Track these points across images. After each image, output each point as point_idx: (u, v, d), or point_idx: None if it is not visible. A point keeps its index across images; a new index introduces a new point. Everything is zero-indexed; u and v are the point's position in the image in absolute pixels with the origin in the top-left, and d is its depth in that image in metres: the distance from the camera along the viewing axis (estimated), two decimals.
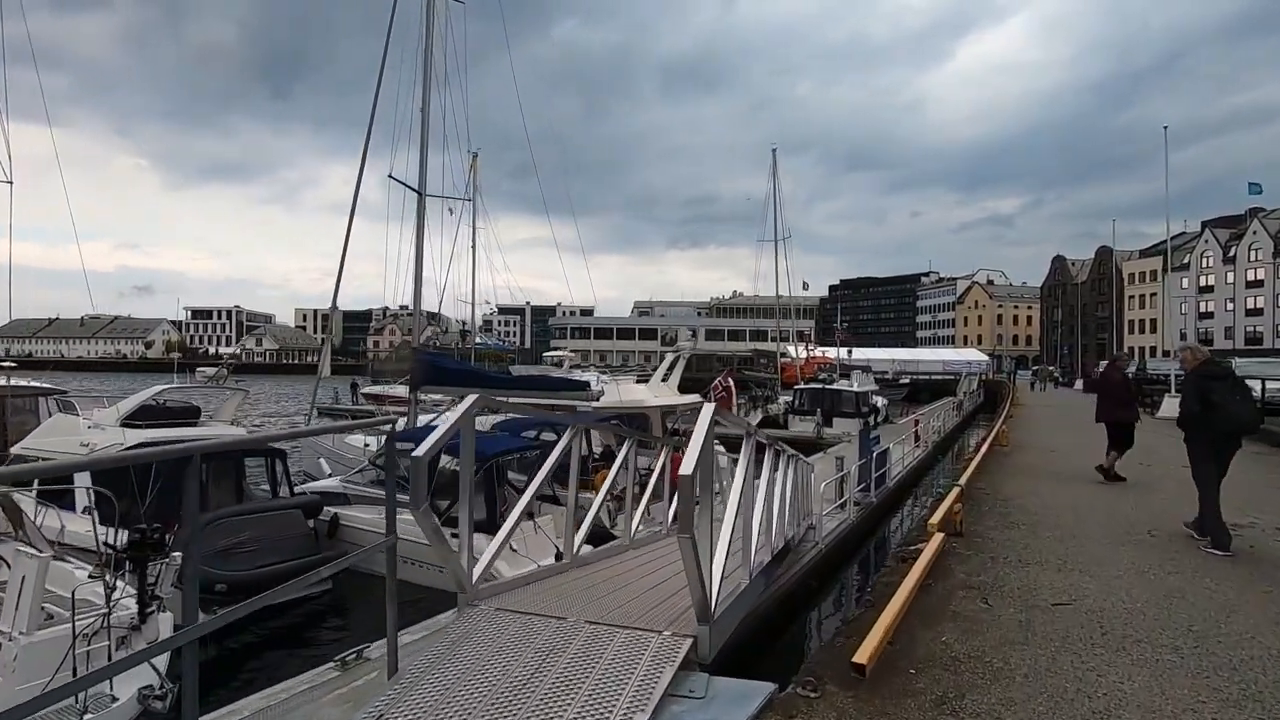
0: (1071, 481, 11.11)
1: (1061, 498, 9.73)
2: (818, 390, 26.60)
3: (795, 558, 9.00)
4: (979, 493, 9.98)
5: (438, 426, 4.82)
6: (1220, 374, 6.80)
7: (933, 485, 18.82)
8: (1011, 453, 15.09)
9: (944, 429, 25.97)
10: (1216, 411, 6.44)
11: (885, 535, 13.81)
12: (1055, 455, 14.47)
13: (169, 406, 9.50)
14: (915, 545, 6.98)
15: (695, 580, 3.42)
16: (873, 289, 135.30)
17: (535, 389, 12.73)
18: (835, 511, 11.36)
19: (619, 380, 16.21)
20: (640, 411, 14.15)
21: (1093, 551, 6.77)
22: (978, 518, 8.30)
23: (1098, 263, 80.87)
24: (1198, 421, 6.67)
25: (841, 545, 10.94)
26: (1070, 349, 78.75)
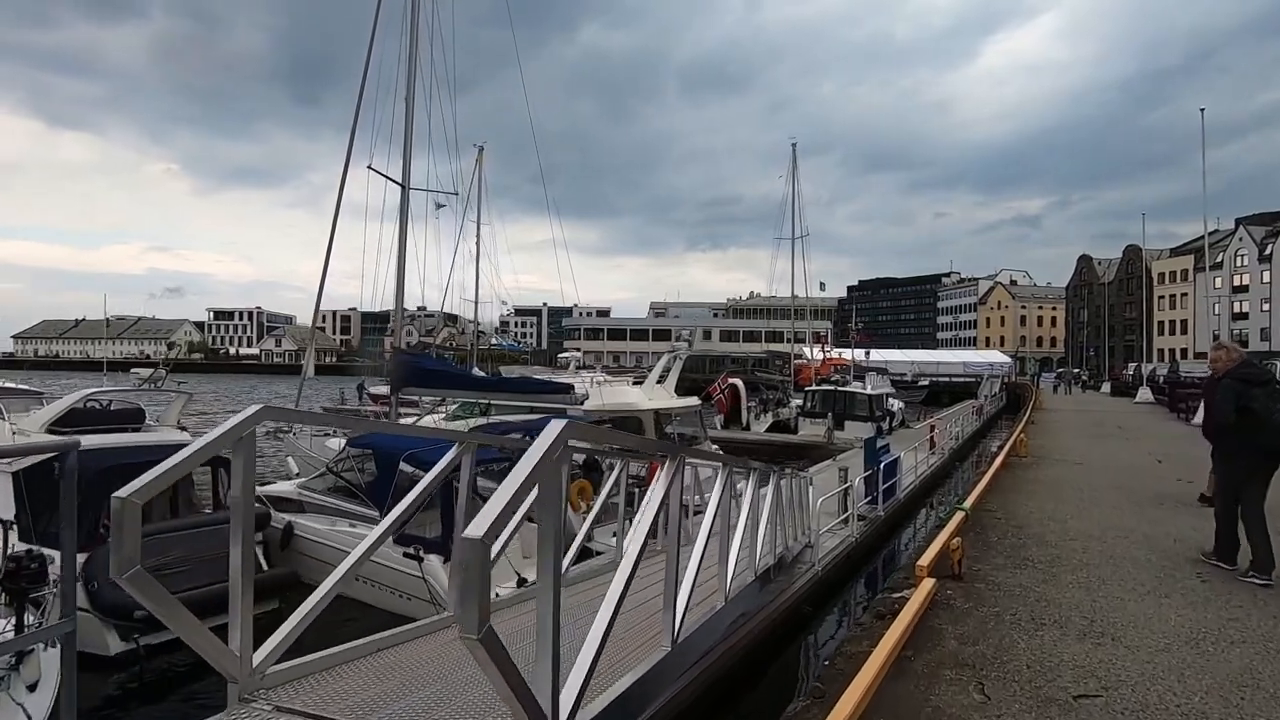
0: (1100, 502, 9.80)
1: (1089, 523, 8.39)
2: (829, 393, 25.55)
3: (786, 582, 8.12)
4: (988, 517, 8.73)
5: None
6: (1261, 378, 5.92)
7: (949, 495, 17.76)
8: (1031, 465, 13.72)
9: (962, 434, 24.81)
10: (1257, 423, 5.62)
11: (895, 549, 12.82)
12: (1082, 469, 13.06)
13: (113, 410, 8.82)
14: (901, 591, 5.70)
15: None
16: (892, 289, 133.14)
17: (516, 391, 11.99)
18: (838, 527, 10.44)
19: (612, 382, 15.38)
20: (632, 415, 13.32)
21: (1129, 607, 5.37)
22: (983, 551, 7.14)
23: (1125, 262, 78.50)
24: (1233, 433, 5.84)
25: (844, 565, 10.03)
26: (1097, 351, 76.50)
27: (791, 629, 7.98)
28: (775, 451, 23.45)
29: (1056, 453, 15.76)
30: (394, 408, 13.84)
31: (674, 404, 14.04)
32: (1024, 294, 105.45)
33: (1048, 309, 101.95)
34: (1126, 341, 75.77)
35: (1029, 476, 12.11)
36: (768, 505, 8.04)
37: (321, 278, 14.61)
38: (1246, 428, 5.71)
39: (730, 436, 25.32)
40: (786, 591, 7.99)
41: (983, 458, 23.51)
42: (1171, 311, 71.43)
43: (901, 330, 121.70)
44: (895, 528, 13.27)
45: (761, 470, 7.72)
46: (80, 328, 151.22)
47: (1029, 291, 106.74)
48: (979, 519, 8.52)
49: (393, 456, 8.40)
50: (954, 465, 21.17)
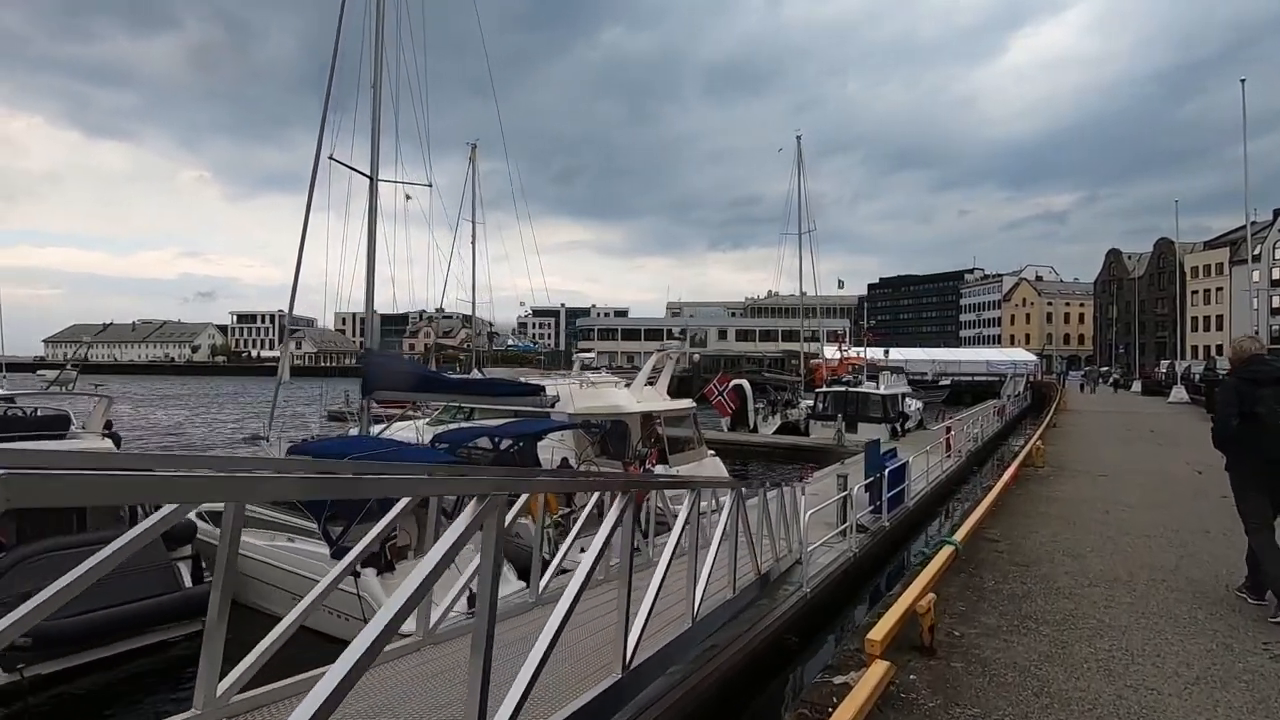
0: (1130, 528, 8.02)
1: (1114, 561, 6.64)
2: (842, 393, 24.43)
3: (768, 607, 7.19)
4: (987, 550, 7.14)
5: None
6: (1270, 376, 5.03)
7: (958, 505, 16.58)
8: (1048, 478, 12.06)
9: (982, 436, 23.56)
10: (1262, 427, 4.87)
11: (905, 561, 11.78)
12: (1108, 483, 11.29)
13: (38, 417, 8.14)
14: (844, 675, 3.99)
15: None
16: (914, 287, 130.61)
17: (485, 393, 11.19)
18: (835, 539, 9.47)
19: (598, 383, 14.50)
20: (617, 418, 12.43)
21: (1170, 710, 3.66)
22: (974, 604, 5.43)
23: (1156, 256, 75.87)
24: (1236, 440, 5.06)
25: (841, 582, 9.05)
26: (1126, 348, 73.98)
27: (774, 662, 7.05)
28: (784, 454, 22.45)
29: (1078, 462, 14.10)
30: (365, 412, 13.10)
31: (665, 406, 13.12)
32: (1050, 290, 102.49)
33: (1075, 305, 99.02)
34: (1158, 338, 73.17)
35: (1043, 493, 10.47)
36: (746, 522, 7.16)
37: (295, 276, 13.82)
38: (1249, 434, 4.94)
39: (737, 439, 24.34)
40: (768, 618, 7.08)
41: (1004, 461, 22.18)
42: (1206, 307, 68.80)
43: (923, 328, 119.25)
44: (903, 539, 12.24)
45: (741, 485, 6.85)
46: (108, 332, 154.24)
47: (1055, 287, 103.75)
48: (975, 552, 6.99)
49: None
50: (971, 470, 19.98)
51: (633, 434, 12.30)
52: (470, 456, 10.64)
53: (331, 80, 13.41)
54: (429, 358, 43.71)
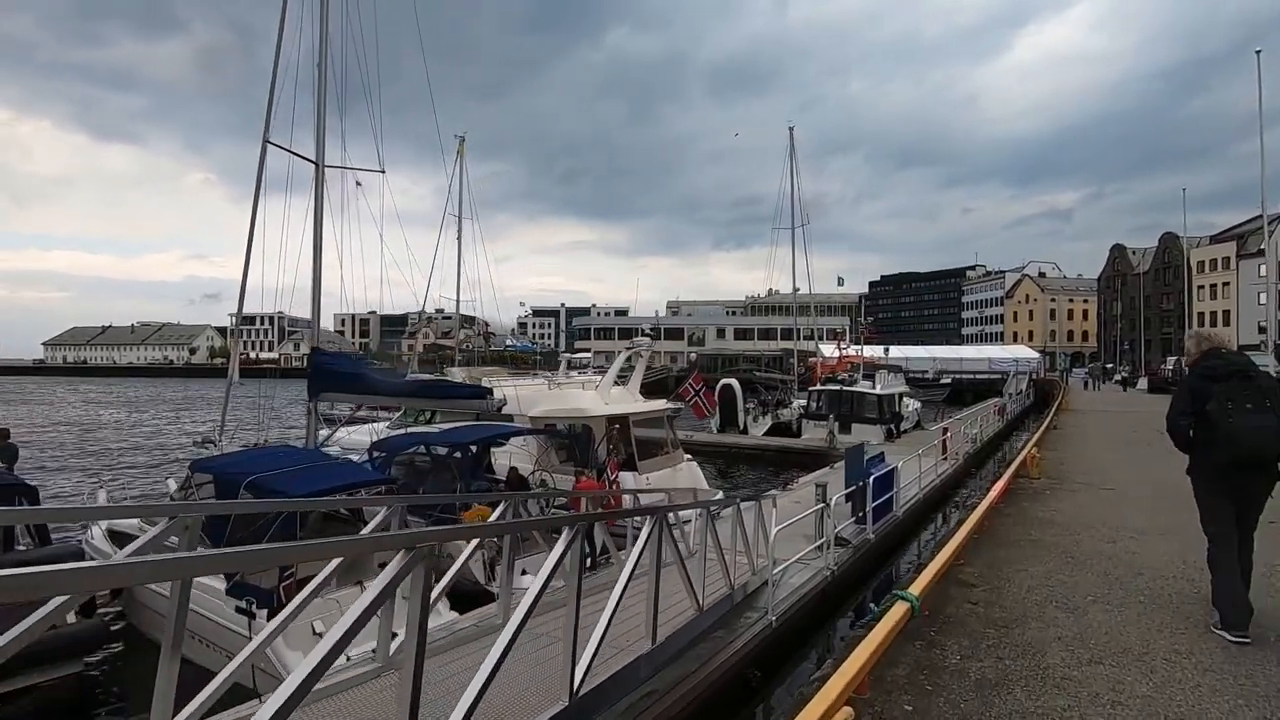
0: (1143, 565, 6.36)
1: (1123, 617, 5.02)
2: (836, 393, 23.49)
3: (723, 640, 6.27)
4: (958, 599, 5.50)
5: None
6: (1224, 371, 4.61)
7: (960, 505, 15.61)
8: (1044, 492, 10.41)
9: (981, 436, 22.60)
10: (1214, 427, 4.45)
11: (893, 576, 10.85)
12: (1112, 499, 9.75)
13: None
14: None
15: None
16: (915, 284, 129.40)
17: (429, 396, 10.32)
18: (812, 555, 8.55)
19: (563, 384, 13.62)
20: (581, 422, 11.54)
21: None
22: (926, 701, 3.82)
23: (1162, 250, 74.56)
24: (1192, 442, 4.69)
25: (817, 604, 8.15)
26: (1131, 344, 72.78)
27: (734, 696, 6.14)
28: (773, 457, 21.54)
29: (1080, 472, 12.43)
30: (313, 415, 12.24)
31: (635, 408, 12.20)
32: (1053, 286, 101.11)
33: (1079, 302, 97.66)
34: (1163, 334, 71.95)
35: (1037, 513, 8.85)
36: (717, 538, 6.29)
37: (244, 272, 12.91)
38: (1204, 435, 4.56)
39: (725, 441, 23.44)
40: (725, 650, 6.17)
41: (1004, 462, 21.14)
42: (1212, 302, 67.53)
43: (925, 326, 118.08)
44: (891, 551, 11.31)
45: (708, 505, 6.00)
46: (107, 334, 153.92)
47: (1059, 284, 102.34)
48: (942, 603, 5.35)
49: (232, 484, 6.76)
50: (969, 473, 19.03)
51: (597, 438, 11.40)
52: (414, 463, 9.78)
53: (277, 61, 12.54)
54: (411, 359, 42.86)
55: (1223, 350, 4.82)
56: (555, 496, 8.31)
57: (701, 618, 5.48)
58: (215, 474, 7.06)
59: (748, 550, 7.14)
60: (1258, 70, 17.90)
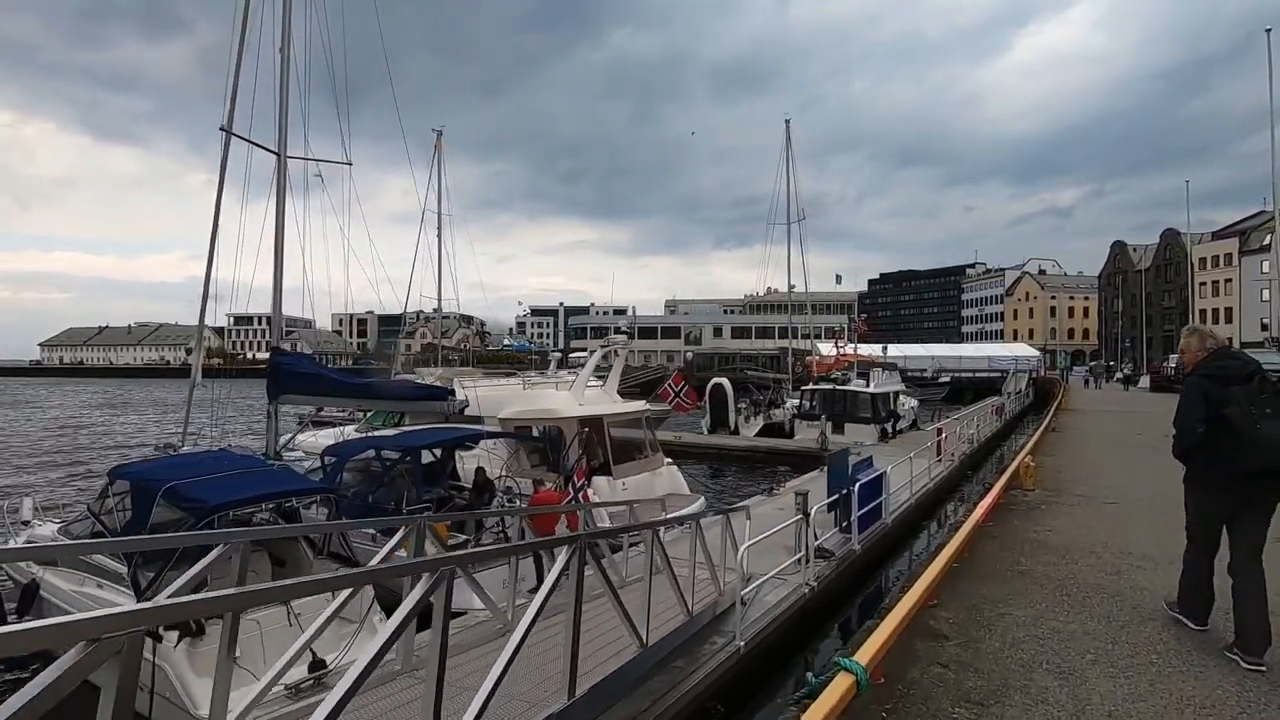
0: (1153, 606, 5.26)
1: (1133, 688, 3.94)
2: (829, 392, 22.85)
3: (683, 672, 5.64)
4: (924, 656, 4.41)
5: None
6: (1239, 373, 4.25)
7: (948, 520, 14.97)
8: (1038, 507, 9.20)
9: (978, 437, 21.95)
10: (1233, 435, 4.09)
11: (882, 588, 10.22)
12: (1116, 515, 8.65)
13: None
14: None
15: None
16: (915, 282, 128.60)
17: (387, 398, 9.70)
18: (791, 569, 7.92)
19: (538, 384, 12.99)
20: (551, 423, 10.92)
21: None
22: None
23: (1163, 247, 73.75)
24: (1201, 450, 4.29)
25: (795, 625, 7.52)
26: (1133, 342, 72.08)
27: None
28: (763, 459, 20.91)
29: (1079, 481, 11.23)
30: (272, 419, 11.62)
31: (610, 409, 11.56)
32: (1054, 284, 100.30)
33: (1079, 299, 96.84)
34: (1165, 332, 71.20)
35: (1029, 535, 7.68)
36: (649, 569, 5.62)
37: (207, 269, 12.28)
38: (1216, 442, 4.18)
39: (714, 442, 22.82)
40: (685, 683, 5.54)
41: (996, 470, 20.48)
42: (1214, 299, 66.77)
43: (925, 324, 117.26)
44: (880, 562, 10.68)
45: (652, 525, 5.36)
46: (104, 335, 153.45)
47: (1059, 281, 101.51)
48: (905, 663, 4.28)
49: (148, 492, 6.14)
50: (966, 475, 18.40)
51: (567, 441, 10.77)
52: (369, 469, 9.16)
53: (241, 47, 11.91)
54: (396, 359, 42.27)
55: (1234, 350, 4.49)
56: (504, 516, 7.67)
57: (645, 654, 4.84)
58: (132, 481, 6.46)
59: (711, 570, 6.50)
60: (1268, 52, 17.15)
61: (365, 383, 10.05)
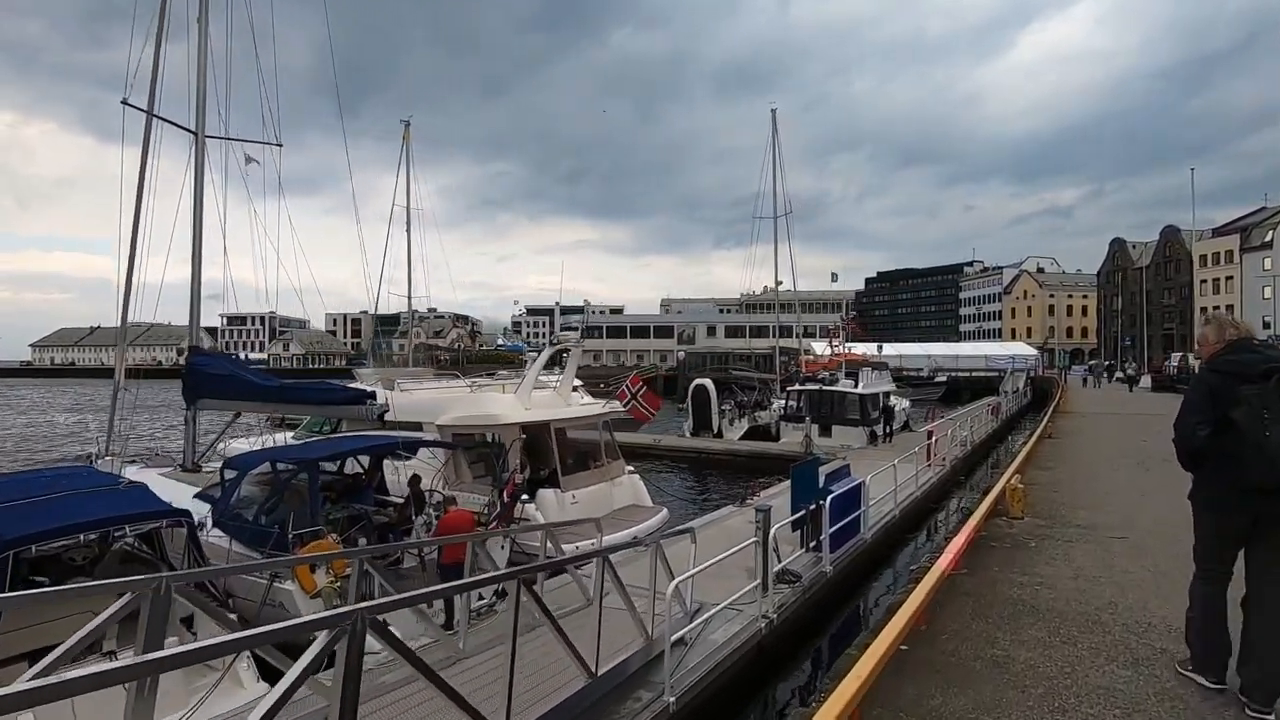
0: None
1: None
2: (815, 393, 21.76)
3: None
4: None
5: None
6: (1254, 370, 3.55)
7: (949, 522, 13.89)
8: (1027, 544, 7.26)
9: (973, 439, 20.88)
10: (1243, 440, 3.42)
11: (859, 617, 9.17)
12: (1125, 555, 6.76)
13: None
14: None
15: None
16: (912, 281, 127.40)
17: (306, 402, 8.64)
18: (749, 598, 6.84)
19: (485, 386, 11.92)
20: (490, 430, 9.84)
21: None
22: None
23: (1163, 244, 72.64)
24: (1208, 457, 3.62)
25: (750, 666, 6.45)
26: (1133, 340, 71.01)
27: None
28: (745, 463, 19.83)
29: (1079, 502, 9.28)
30: (190, 425, 10.54)
31: (559, 413, 10.48)
32: (1052, 282, 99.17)
33: (1078, 297, 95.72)
34: (1164, 330, 70.16)
35: (1009, 591, 5.70)
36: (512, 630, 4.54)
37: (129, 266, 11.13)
38: (1226, 449, 3.52)
39: (695, 446, 21.75)
40: None
41: (998, 465, 19.40)
42: (1215, 296, 65.66)
43: (922, 323, 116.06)
44: (857, 585, 9.61)
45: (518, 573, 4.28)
46: (95, 335, 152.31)
47: (1058, 279, 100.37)
48: None
49: None
50: (958, 480, 17.33)
51: (512, 450, 9.69)
52: (274, 483, 8.06)
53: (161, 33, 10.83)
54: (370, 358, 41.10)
55: (1255, 342, 3.77)
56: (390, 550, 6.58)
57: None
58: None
59: (632, 613, 5.42)
60: None
61: (278, 386, 8.98)
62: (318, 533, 6.36)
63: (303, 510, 6.79)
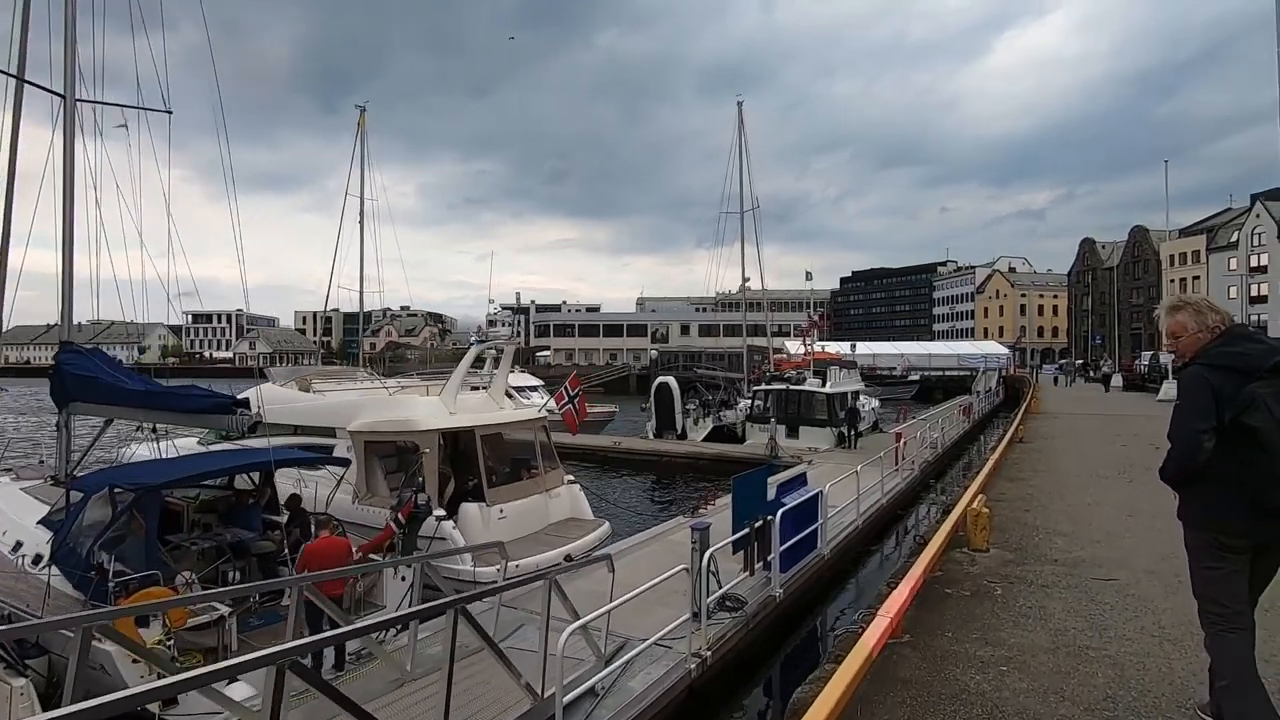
0: None
1: None
2: (782, 392, 20.92)
3: None
4: None
5: None
6: (1263, 363, 2.84)
7: (917, 529, 13.05)
8: (989, 590, 5.73)
9: (944, 441, 20.18)
10: (1260, 449, 2.74)
11: (815, 641, 8.25)
12: (1122, 603, 5.36)
13: None
14: None
15: None
16: (887, 280, 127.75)
17: (163, 409, 7.47)
18: (679, 632, 5.85)
19: (409, 387, 10.83)
20: (406, 436, 8.77)
21: None
22: None
23: (1132, 244, 73.31)
24: (1207, 472, 2.87)
25: (677, 714, 5.47)
26: (1103, 339, 71.56)
27: None
28: (709, 466, 18.90)
29: (1055, 526, 7.86)
30: (63, 431, 9.31)
31: (484, 419, 9.41)
32: (1024, 281, 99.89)
33: (1049, 297, 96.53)
34: (1133, 330, 70.80)
35: (968, 676, 4.10)
36: None
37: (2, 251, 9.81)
38: (1234, 461, 2.80)
39: (657, 448, 20.77)
40: None
41: (972, 466, 18.70)
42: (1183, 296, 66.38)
43: (897, 322, 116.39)
44: (812, 606, 8.69)
45: None
46: (52, 333, 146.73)
47: (1029, 279, 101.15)
48: None
49: None
50: (927, 485, 16.58)
51: (429, 459, 8.62)
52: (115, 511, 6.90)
53: None
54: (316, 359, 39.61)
55: (1252, 331, 3.33)
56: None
57: None
58: None
59: (510, 672, 4.41)
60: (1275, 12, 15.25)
61: (142, 390, 7.82)
62: (150, 577, 5.24)
63: (137, 547, 5.68)
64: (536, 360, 65.53)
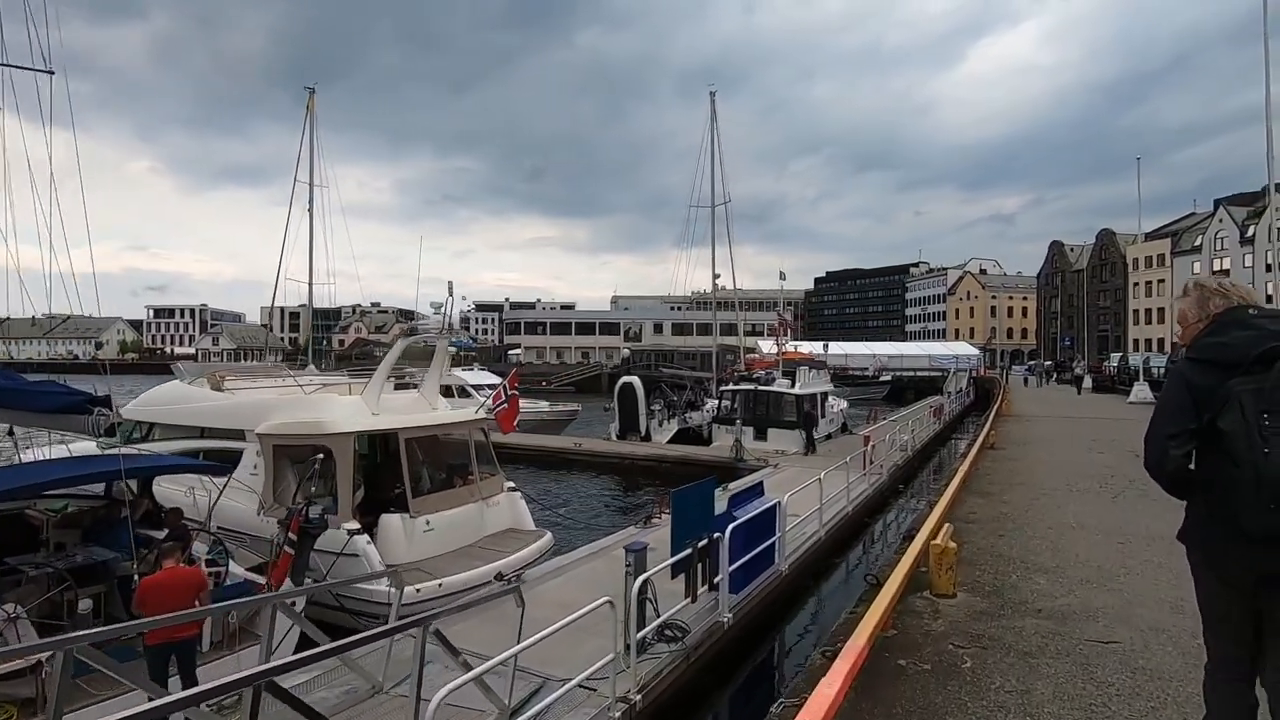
0: None
1: None
2: (749, 393, 20.23)
3: None
4: None
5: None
6: (1246, 355, 2.30)
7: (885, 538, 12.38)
8: (955, 654, 4.55)
9: (914, 443, 19.66)
10: (1235, 460, 2.25)
11: (771, 667, 7.48)
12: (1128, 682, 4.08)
13: None
14: None
15: None
16: (860, 281, 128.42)
17: (16, 408, 6.44)
18: (605, 673, 4.99)
19: (330, 384, 9.87)
20: (317, 439, 7.81)
21: None
22: None
23: (1099, 248, 74.27)
24: (1192, 485, 2.48)
25: None
26: (1071, 341, 72.33)
27: None
28: (672, 470, 18.10)
29: (1033, 561, 6.67)
30: None
31: (409, 420, 8.49)
32: (994, 283, 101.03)
33: (1019, 299, 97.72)
34: (1100, 331, 71.72)
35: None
36: None
37: None
38: (1214, 473, 2.35)
39: (619, 450, 19.93)
40: None
41: (944, 467, 18.20)
42: (1148, 299, 67.27)
43: (869, 323, 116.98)
44: (769, 627, 7.91)
45: None
46: (4, 327, 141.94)
47: (999, 281, 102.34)
48: None
49: None
50: (896, 489, 15.98)
51: (342, 466, 7.69)
52: None
53: None
54: None
55: (1251, 310, 2.51)
56: None
57: None
58: None
59: None
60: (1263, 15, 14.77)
61: None
62: None
63: None
64: (508, 358, 64.32)
